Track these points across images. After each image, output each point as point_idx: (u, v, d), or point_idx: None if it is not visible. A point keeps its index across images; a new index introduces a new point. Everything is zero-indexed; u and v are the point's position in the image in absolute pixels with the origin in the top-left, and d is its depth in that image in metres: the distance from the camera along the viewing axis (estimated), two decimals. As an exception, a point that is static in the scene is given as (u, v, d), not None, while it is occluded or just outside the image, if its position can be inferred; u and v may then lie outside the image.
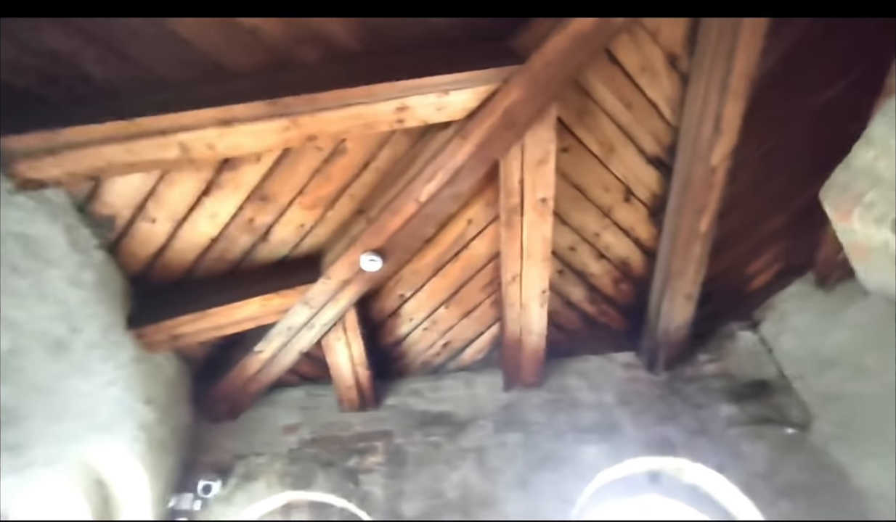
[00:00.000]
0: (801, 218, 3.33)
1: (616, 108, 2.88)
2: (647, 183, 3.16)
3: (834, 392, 3.31)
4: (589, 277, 3.54)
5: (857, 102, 2.88)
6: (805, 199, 3.18)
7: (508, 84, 2.53)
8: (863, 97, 2.85)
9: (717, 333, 3.84)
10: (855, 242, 2.85)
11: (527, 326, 3.47)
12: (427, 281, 3.44)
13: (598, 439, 3.54)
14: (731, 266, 3.56)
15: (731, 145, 2.82)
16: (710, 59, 2.65)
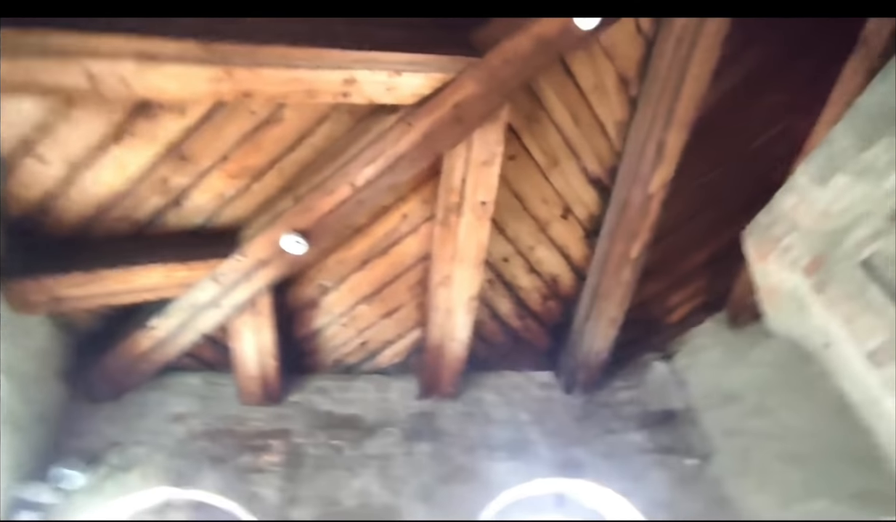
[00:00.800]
0: (722, 256, 3.46)
1: (565, 121, 2.87)
2: (585, 202, 3.16)
3: (734, 427, 3.43)
4: (518, 290, 3.48)
5: (786, 150, 3.07)
6: (728, 238, 3.31)
7: (463, 76, 2.44)
8: (792, 145, 3.05)
9: (634, 361, 3.90)
10: (768, 284, 2.99)
11: (450, 333, 3.35)
12: (351, 274, 3.23)
13: (509, 456, 3.46)
14: (655, 296, 3.64)
15: (669, 174, 2.89)
16: (660, 87, 2.71)
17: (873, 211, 2.30)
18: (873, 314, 2.27)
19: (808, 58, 2.84)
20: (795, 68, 2.87)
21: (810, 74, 2.88)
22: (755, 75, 2.86)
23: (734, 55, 2.72)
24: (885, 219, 2.27)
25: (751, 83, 2.88)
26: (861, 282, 2.34)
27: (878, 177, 2.27)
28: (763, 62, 2.84)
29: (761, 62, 2.84)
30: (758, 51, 2.81)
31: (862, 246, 2.35)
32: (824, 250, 2.50)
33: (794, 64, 2.86)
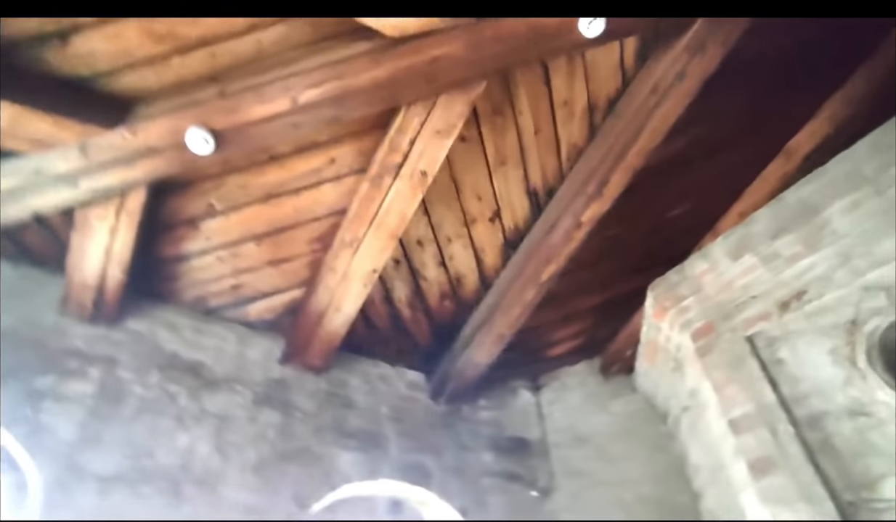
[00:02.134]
0: (612, 306, 3.61)
1: (526, 127, 2.79)
2: (516, 212, 3.10)
3: (578, 467, 3.54)
4: (420, 279, 3.29)
5: (695, 225, 3.31)
6: (621, 291, 3.49)
7: (453, 33, 2.25)
8: (701, 224, 3.30)
9: (503, 383, 3.89)
10: (654, 339, 3.17)
11: (338, 302, 3.05)
12: (250, 205, 2.80)
13: (359, 448, 3.20)
14: (542, 325, 3.67)
15: (602, 211, 2.94)
16: (623, 126, 2.75)
17: (769, 294, 2.53)
18: (746, 386, 2.48)
19: (737, 151, 3.12)
20: (725, 157, 3.12)
21: (734, 167, 3.16)
22: (693, 150, 3.05)
23: (685, 124, 2.88)
24: (776, 304, 2.50)
25: (687, 155, 3.06)
26: (742, 355, 2.55)
27: (780, 265, 2.51)
28: (702, 141, 3.03)
29: (701, 141, 3.03)
30: (700, 129, 2.97)
31: (751, 323, 2.57)
32: (718, 318, 2.69)
33: (725, 152, 3.10)
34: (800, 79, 2.77)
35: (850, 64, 2.78)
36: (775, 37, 2.57)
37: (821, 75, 2.81)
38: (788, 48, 2.64)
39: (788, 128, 3.00)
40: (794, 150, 3.00)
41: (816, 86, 2.85)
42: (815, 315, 2.39)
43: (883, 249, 2.23)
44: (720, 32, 2.41)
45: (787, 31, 2.56)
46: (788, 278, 2.49)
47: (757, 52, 2.62)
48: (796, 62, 2.71)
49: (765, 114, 2.90)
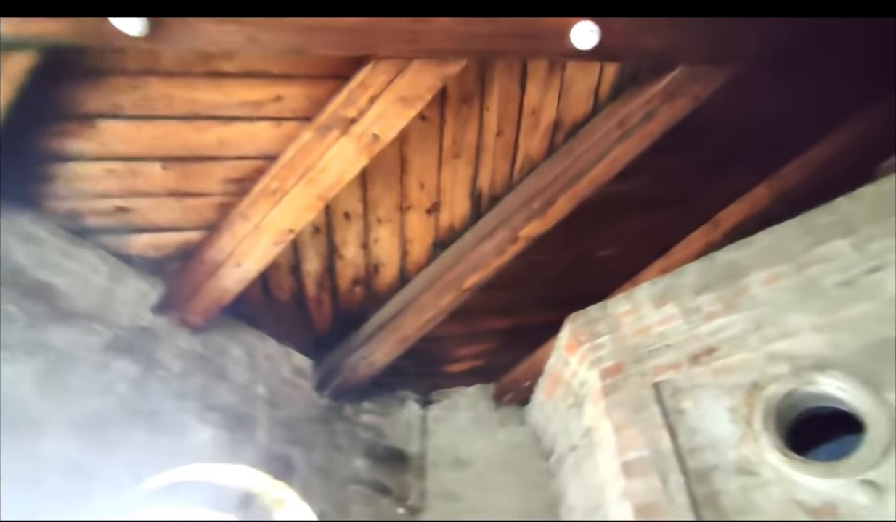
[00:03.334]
0: (519, 333, 3.57)
1: (489, 126, 2.69)
2: (455, 211, 2.96)
3: (452, 491, 3.39)
4: (337, 256, 3.01)
5: (619, 270, 3.37)
6: (536, 320, 3.46)
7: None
8: (625, 270, 3.37)
9: (393, 390, 3.67)
10: (559, 373, 3.14)
11: (240, 256, 2.68)
12: (169, 119, 2.39)
13: (222, 425, 2.80)
14: (447, 338, 3.52)
15: (540, 232, 2.90)
16: (582, 151, 2.74)
17: (682, 345, 2.60)
18: (644, 430, 2.49)
19: (672, 209, 3.22)
20: (660, 211, 3.23)
21: (665, 223, 3.27)
22: (634, 197, 3.12)
23: (634, 169, 2.93)
24: (688, 356, 2.57)
25: (628, 200, 3.13)
26: (646, 400, 2.57)
27: (698, 320, 2.59)
28: (644, 190, 3.11)
29: (643, 190, 3.10)
30: (645, 179, 3.04)
31: (661, 370, 2.61)
32: (629, 360, 2.71)
33: (661, 207, 3.20)
34: (742, 155, 2.96)
35: (789, 151, 3.03)
36: (733, 108, 2.72)
37: (761, 157, 3.02)
38: (741, 122, 2.81)
39: (721, 199, 3.18)
40: (721, 221, 3.19)
41: (755, 165, 3.07)
42: (721, 372, 2.48)
43: (793, 323, 2.38)
44: (694, 86, 2.50)
45: (746, 105, 2.73)
46: (704, 333, 2.58)
47: (713, 118, 2.75)
48: (744, 138, 2.89)
49: (704, 180, 3.05)
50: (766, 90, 2.69)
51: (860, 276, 2.32)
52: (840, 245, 2.41)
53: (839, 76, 2.75)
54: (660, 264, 3.32)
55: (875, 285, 2.27)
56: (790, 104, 2.81)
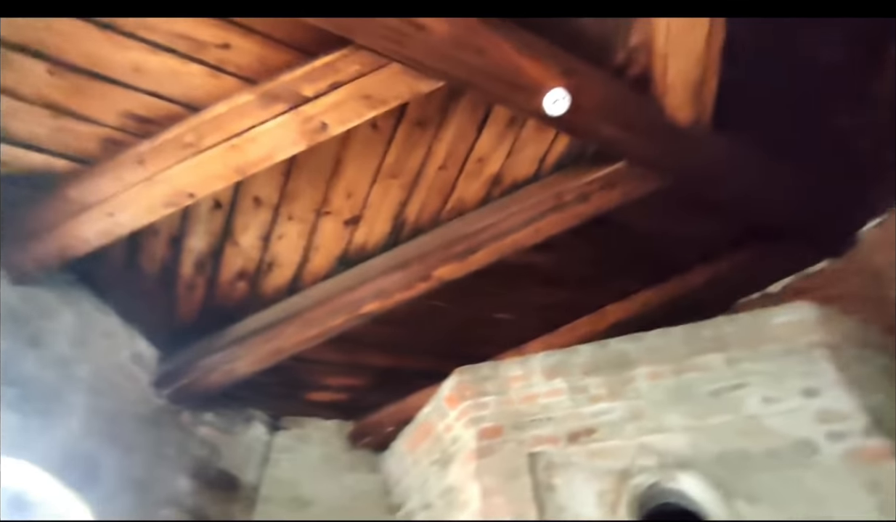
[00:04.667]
0: (398, 376, 3.40)
1: (435, 157, 2.60)
2: (374, 232, 2.78)
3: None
4: (230, 241, 2.62)
5: (508, 340, 3.40)
6: (416, 365, 3.33)
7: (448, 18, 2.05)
8: (514, 340, 3.40)
9: (242, 406, 3.21)
10: (431, 425, 3.00)
11: (119, 204, 2.21)
12: (86, 25, 1.96)
13: (24, 408, 2.21)
14: (319, 362, 3.22)
15: (455, 276, 2.82)
16: (515, 209, 2.76)
17: (564, 421, 2.62)
18: (513, 500, 2.43)
19: (568, 291, 3.36)
20: (558, 291, 3.34)
21: (560, 303, 3.41)
22: (541, 271, 3.20)
23: (552, 245, 2.98)
24: (567, 433, 2.59)
25: (535, 272, 3.20)
26: (519, 469, 2.52)
27: (583, 400, 2.65)
28: (551, 268, 3.20)
29: (550, 267, 3.19)
30: (556, 257, 3.14)
31: (539, 442, 2.59)
32: (509, 426, 2.66)
33: (559, 287, 3.32)
34: (642, 258, 3.24)
35: (677, 268, 3.36)
36: (647, 215, 2.97)
37: (656, 265, 3.32)
38: (649, 230, 3.07)
39: (613, 294, 3.41)
40: (608, 314, 3.41)
41: (648, 271, 3.35)
42: (596, 455, 2.53)
43: (666, 420, 2.53)
44: (630, 183, 2.67)
45: (658, 217, 2.99)
46: (586, 414, 2.64)
47: (629, 218, 2.97)
48: (646, 244, 3.16)
49: (603, 272, 3.26)
50: (679, 209, 2.98)
51: (727, 390, 2.57)
52: (715, 358, 2.66)
53: (722, 220, 3.17)
54: (548, 339, 3.43)
55: (737, 400, 2.53)
56: (689, 228, 3.16)
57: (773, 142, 2.76)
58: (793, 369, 2.50)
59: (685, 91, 2.39)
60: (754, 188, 2.90)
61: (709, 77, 2.33)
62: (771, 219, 3.09)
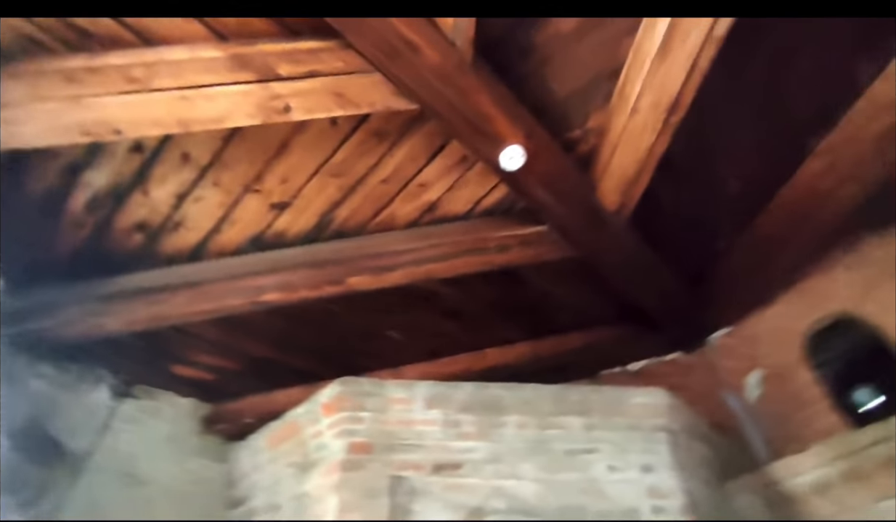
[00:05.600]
0: (276, 370, 3.29)
1: (383, 169, 2.59)
2: (297, 223, 2.68)
3: (103, 509, 2.69)
4: (140, 189, 2.34)
5: (396, 360, 3.45)
6: (301, 366, 3.32)
7: (452, 48, 2.08)
8: (402, 361, 3.45)
9: (92, 363, 2.84)
10: (300, 427, 2.94)
11: (24, 117, 1.90)
12: None
13: None
14: (200, 337, 2.97)
15: (366, 288, 2.82)
16: (436, 242, 2.84)
17: (432, 451, 2.69)
18: (363, 515, 2.45)
19: (456, 326, 3.51)
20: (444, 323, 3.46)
21: (447, 335, 3.54)
22: (433, 300, 3.29)
23: (462, 280, 3.11)
24: (433, 463, 2.65)
25: (427, 300, 3.28)
26: (380, 490, 2.53)
27: (454, 435, 2.74)
28: (444, 301, 3.31)
29: (444, 299, 3.30)
30: (450, 292, 3.25)
31: (406, 467, 2.63)
32: (380, 445, 2.68)
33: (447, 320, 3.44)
34: (527, 313, 3.52)
35: (554, 328, 3.68)
36: (547, 277, 3.25)
37: (535, 322, 3.61)
38: (542, 291, 3.35)
39: (496, 339, 3.63)
40: (488, 356, 3.61)
41: (531, 326, 3.64)
42: (454, 489, 2.63)
43: (522, 468, 2.71)
44: (546, 247, 2.90)
45: (555, 281, 3.28)
46: (454, 448, 2.75)
47: (532, 276, 3.22)
48: (537, 303, 3.44)
49: (493, 316, 3.48)
50: (574, 278, 3.29)
51: (579, 452, 2.84)
52: (576, 421, 2.94)
53: (606, 298, 3.56)
54: (423, 366, 3.54)
55: (586, 463, 2.81)
56: (577, 297, 3.49)
57: (666, 246, 3.20)
58: (637, 445, 2.86)
59: (619, 182, 2.68)
60: (640, 279, 3.31)
61: (642, 177, 2.64)
62: (645, 307, 3.54)
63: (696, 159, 2.83)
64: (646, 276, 3.29)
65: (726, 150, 2.82)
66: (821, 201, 2.90)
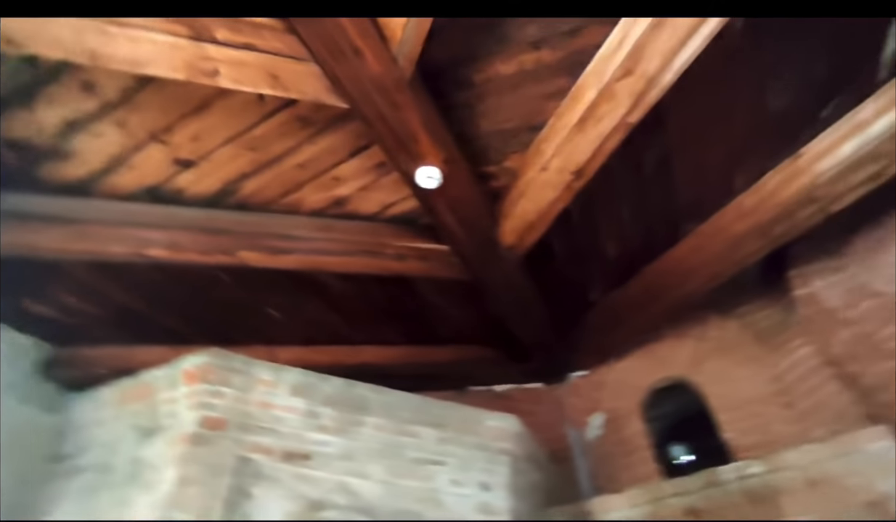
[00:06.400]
0: (142, 323, 3.14)
1: (301, 155, 2.57)
2: (200, 185, 2.58)
3: None
4: (26, 106, 2.11)
5: (272, 339, 3.38)
6: (167, 325, 3.19)
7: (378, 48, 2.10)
8: (278, 341, 3.40)
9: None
10: (153, 388, 2.83)
11: None
12: None
13: None
14: (70, 276, 2.75)
15: (259, 265, 2.78)
16: (336, 236, 2.89)
17: (286, 438, 2.70)
18: (204, 496, 2.42)
19: (339, 317, 3.56)
20: (331, 315, 3.51)
21: (326, 326, 3.57)
22: (330, 291, 3.32)
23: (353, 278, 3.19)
24: (284, 450, 2.68)
25: (325, 291, 3.30)
26: (223, 468, 2.52)
27: (312, 426, 2.77)
28: (340, 291, 3.34)
29: (338, 291, 3.34)
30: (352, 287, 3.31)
31: (256, 449, 2.61)
32: (234, 424, 2.63)
33: (334, 313, 3.50)
34: (411, 319, 3.67)
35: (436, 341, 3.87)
36: (436, 292, 3.41)
37: (417, 330, 3.77)
38: (429, 304, 3.51)
39: (371, 338, 3.74)
40: (362, 352, 3.69)
41: (411, 332, 3.78)
42: (300, 479, 2.64)
43: (370, 469, 2.80)
44: (439, 263, 3.06)
45: (443, 296, 3.44)
46: (309, 439, 2.76)
47: (417, 288, 3.37)
48: (421, 312, 3.60)
49: (375, 316, 3.59)
50: (461, 297, 3.48)
51: (427, 462, 2.95)
52: (430, 433, 3.08)
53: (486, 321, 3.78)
54: (296, 350, 3.55)
55: (432, 473, 2.94)
56: (460, 315, 3.68)
57: (548, 288, 3.48)
58: (481, 464, 3.08)
59: (519, 224, 2.88)
60: (519, 312, 3.57)
61: (539, 225, 2.85)
62: (518, 338, 3.81)
63: (588, 221, 3.11)
64: (525, 311, 3.55)
65: (614, 220, 3.14)
66: (680, 280, 3.33)
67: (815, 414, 3.26)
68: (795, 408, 3.37)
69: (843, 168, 2.51)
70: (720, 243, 3.06)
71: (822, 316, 3.39)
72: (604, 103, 2.27)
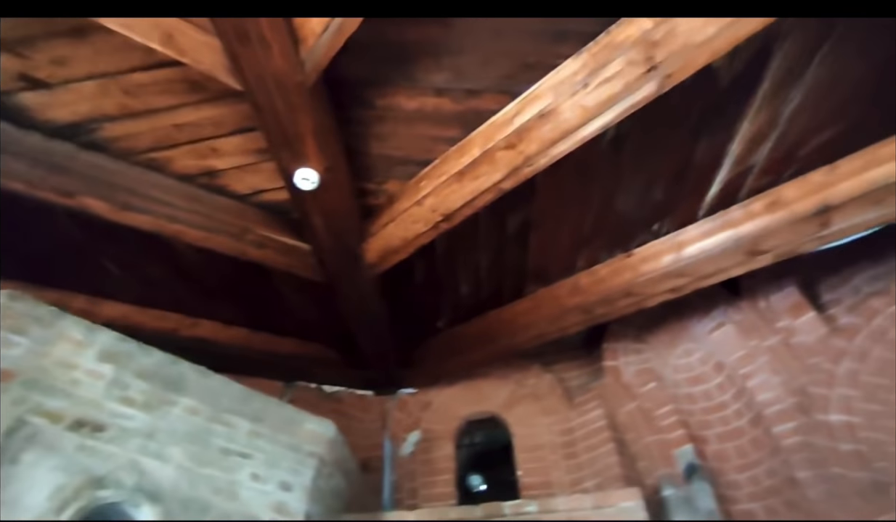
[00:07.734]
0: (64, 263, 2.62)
1: (181, 115, 2.45)
2: (54, 113, 2.31)
3: None
4: None
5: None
6: None
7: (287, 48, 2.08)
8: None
9: None
10: None
11: None
12: None
13: None
14: None
15: (100, 215, 2.53)
16: (196, 206, 2.76)
17: (80, 405, 2.45)
18: None
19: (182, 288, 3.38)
20: (176, 286, 3.33)
21: (172, 295, 3.37)
22: (185, 261, 3.15)
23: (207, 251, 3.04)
24: (76, 418, 2.43)
25: (177, 256, 3.11)
26: None
27: (115, 396, 2.59)
28: (195, 265, 3.19)
29: (194, 264, 3.19)
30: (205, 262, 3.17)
31: (41, 412, 2.34)
32: (25, 379, 2.35)
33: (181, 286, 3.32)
34: (257, 304, 3.61)
35: (276, 330, 3.83)
36: (290, 285, 3.39)
37: (261, 316, 3.71)
38: (281, 293, 3.49)
39: (214, 314, 3.61)
40: (198, 326, 3.54)
41: (254, 316, 3.71)
42: (85, 451, 2.36)
43: (170, 452, 2.65)
44: (298, 261, 3.05)
45: (296, 291, 3.44)
46: (108, 410, 2.52)
47: (276, 275, 3.32)
48: (272, 299, 3.57)
49: (223, 294, 3.48)
50: (312, 295, 3.51)
51: (234, 453, 2.86)
52: (244, 424, 3.00)
53: (331, 323, 3.83)
54: (124, 307, 3.34)
55: (235, 465, 2.85)
56: (307, 312, 3.69)
57: (400, 307, 3.62)
58: (287, 464, 3.08)
59: (383, 245, 3.00)
60: (366, 323, 3.71)
61: (401, 252, 3.00)
62: (360, 345, 3.95)
63: (449, 258, 3.34)
64: (372, 323, 3.67)
65: (472, 264, 3.40)
66: (515, 330, 3.67)
67: (588, 468, 3.76)
68: (575, 460, 3.86)
69: (659, 275, 2.99)
70: (552, 309, 3.44)
71: (617, 387, 3.95)
72: (485, 164, 2.47)
